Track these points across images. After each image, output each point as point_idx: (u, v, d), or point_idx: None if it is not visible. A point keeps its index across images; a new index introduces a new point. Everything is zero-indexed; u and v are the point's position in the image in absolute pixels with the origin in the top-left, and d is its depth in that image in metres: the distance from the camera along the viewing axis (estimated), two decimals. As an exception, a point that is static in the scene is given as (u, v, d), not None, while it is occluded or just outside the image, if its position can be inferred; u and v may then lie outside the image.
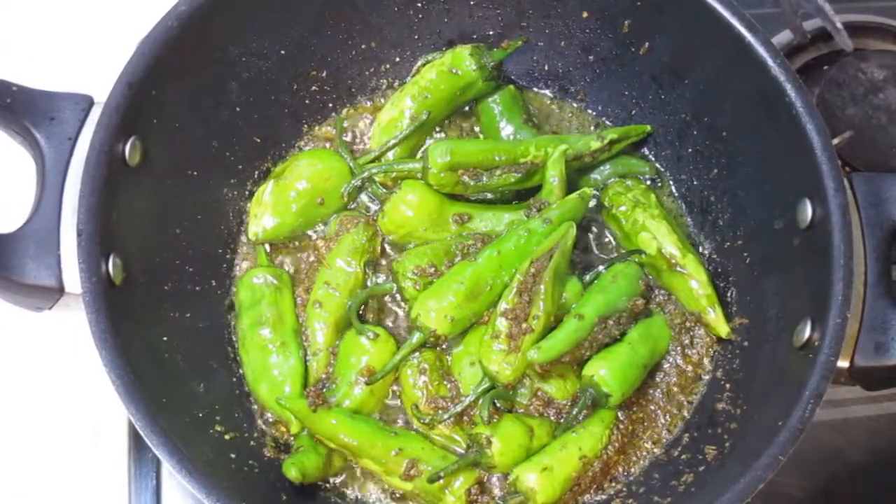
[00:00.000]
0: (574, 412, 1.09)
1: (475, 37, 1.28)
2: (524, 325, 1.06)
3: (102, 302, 0.94)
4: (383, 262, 1.21)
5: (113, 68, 1.01)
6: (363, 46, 1.25)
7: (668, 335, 1.17)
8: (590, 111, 1.32)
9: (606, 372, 1.08)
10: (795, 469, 1.25)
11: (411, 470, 1.06)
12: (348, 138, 1.28)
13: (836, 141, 1.30)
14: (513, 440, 1.07)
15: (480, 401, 1.06)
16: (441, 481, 1.04)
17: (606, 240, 1.25)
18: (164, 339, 1.05)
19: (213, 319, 1.17)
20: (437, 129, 1.29)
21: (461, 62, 1.20)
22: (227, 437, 1.06)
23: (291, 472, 1.02)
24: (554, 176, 1.16)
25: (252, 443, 1.09)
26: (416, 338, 1.08)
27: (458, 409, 1.08)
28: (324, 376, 1.14)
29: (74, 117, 1.02)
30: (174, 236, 1.12)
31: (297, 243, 1.22)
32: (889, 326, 0.99)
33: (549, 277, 1.07)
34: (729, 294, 1.18)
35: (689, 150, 1.23)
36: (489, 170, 1.15)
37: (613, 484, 1.12)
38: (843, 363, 0.98)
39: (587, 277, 1.16)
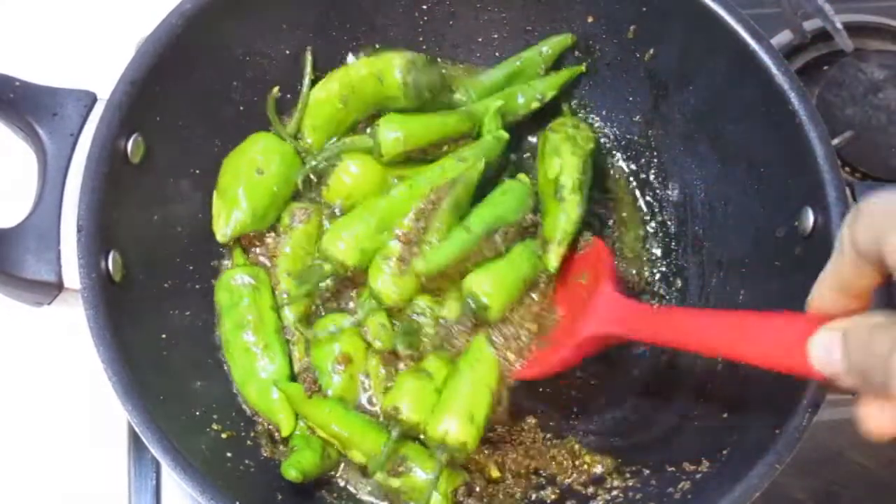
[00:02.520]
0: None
1: (480, 40, 1.29)
2: (415, 250, 1.06)
3: (101, 298, 0.94)
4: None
5: (116, 65, 1.01)
6: (367, 47, 1.25)
7: None
8: (592, 115, 1.31)
9: (486, 283, 1.07)
10: (796, 469, 1.24)
11: (399, 467, 1.06)
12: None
13: (835, 141, 1.30)
14: (417, 391, 1.06)
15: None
16: (410, 473, 1.05)
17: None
18: (163, 336, 1.05)
19: (213, 318, 1.17)
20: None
21: (389, 72, 1.16)
22: (223, 435, 1.06)
23: (291, 474, 1.02)
24: (489, 132, 1.19)
25: (249, 442, 1.09)
26: (328, 268, 1.09)
27: (348, 323, 1.09)
28: (307, 359, 1.13)
29: (77, 113, 1.02)
30: (175, 234, 1.12)
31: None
32: (889, 332, 0.98)
33: (448, 206, 1.07)
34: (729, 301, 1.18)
35: (691, 155, 1.23)
36: (438, 145, 1.16)
37: (609, 491, 1.11)
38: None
39: None
